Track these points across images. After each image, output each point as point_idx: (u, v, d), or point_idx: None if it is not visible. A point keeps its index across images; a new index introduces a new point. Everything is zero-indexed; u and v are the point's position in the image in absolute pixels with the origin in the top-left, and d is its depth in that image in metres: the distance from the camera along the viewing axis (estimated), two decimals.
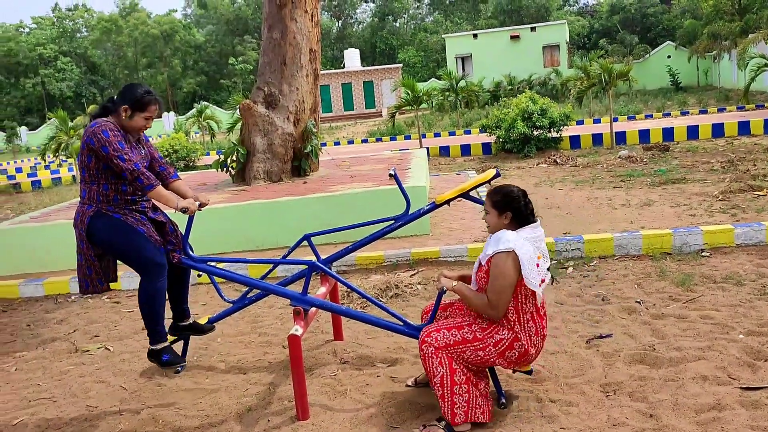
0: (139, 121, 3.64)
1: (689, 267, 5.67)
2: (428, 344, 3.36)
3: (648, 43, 48.74)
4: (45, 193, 17.25)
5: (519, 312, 3.35)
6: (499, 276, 3.28)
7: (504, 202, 3.41)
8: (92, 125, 3.56)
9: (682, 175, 10.24)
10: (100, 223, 3.61)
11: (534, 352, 3.40)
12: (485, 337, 3.33)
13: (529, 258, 3.27)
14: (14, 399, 4.27)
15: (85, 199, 3.65)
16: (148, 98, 3.65)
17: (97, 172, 3.57)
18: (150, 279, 3.57)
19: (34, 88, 61.61)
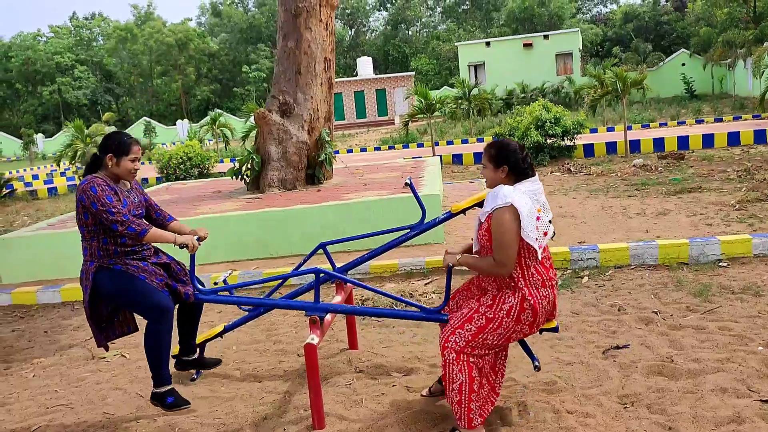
0: (127, 164, 3.71)
1: (706, 277, 5.63)
2: (449, 349, 3.35)
3: (662, 51, 48.55)
4: (61, 200, 17.41)
5: (522, 267, 3.32)
6: (500, 232, 3.25)
7: (501, 155, 3.37)
8: (83, 182, 3.64)
9: (698, 184, 10.17)
10: (103, 277, 3.66)
11: (546, 304, 3.37)
12: (496, 314, 3.31)
13: (528, 211, 3.25)
14: (32, 405, 4.30)
15: (87, 256, 3.71)
16: (127, 141, 3.74)
17: (95, 228, 3.63)
18: (155, 322, 3.60)
19: (51, 95, 62.33)
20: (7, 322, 6.44)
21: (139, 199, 3.86)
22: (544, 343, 4.50)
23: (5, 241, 7.83)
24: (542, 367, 4.08)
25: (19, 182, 22.86)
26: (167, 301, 3.64)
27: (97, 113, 57.41)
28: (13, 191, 19.61)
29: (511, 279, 3.34)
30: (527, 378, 3.97)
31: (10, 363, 5.21)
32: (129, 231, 3.57)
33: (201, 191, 10.91)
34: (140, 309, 3.65)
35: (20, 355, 5.39)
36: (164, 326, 3.62)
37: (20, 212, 15.35)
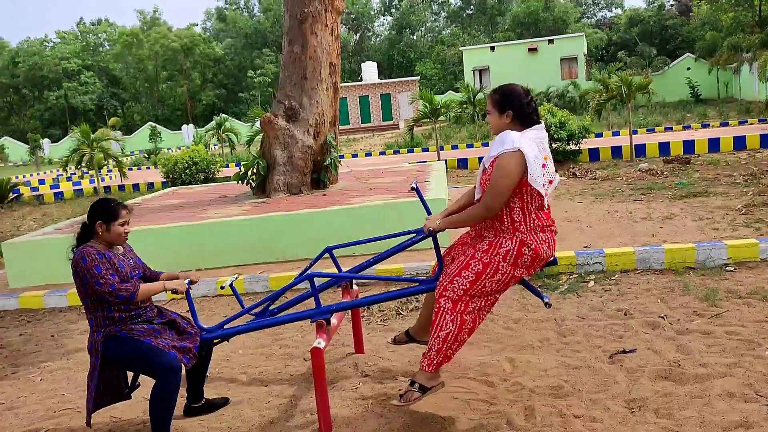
0: (117, 229, 3.72)
1: (713, 282, 5.61)
2: (447, 298, 3.36)
3: (667, 56, 48.52)
4: (67, 205, 17.48)
5: (525, 212, 3.32)
6: (500, 176, 3.25)
7: (505, 100, 3.36)
8: (75, 254, 3.66)
9: (704, 189, 10.14)
10: (110, 347, 3.67)
11: (547, 248, 3.37)
12: (492, 258, 3.31)
13: (535, 157, 3.24)
14: (40, 409, 4.32)
15: (93, 327, 3.72)
16: (115, 206, 3.75)
17: (97, 298, 3.65)
18: (164, 383, 3.60)
19: (57, 101, 62.63)
20: (14, 326, 6.46)
21: (134, 261, 3.87)
22: (551, 348, 4.50)
23: (12, 246, 7.87)
24: (549, 371, 4.08)
25: (26, 187, 22.97)
26: (175, 361, 3.64)
27: (103, 118, 57.61)
28: (19, 196, 19.71)
29: (511, 224, 3.33)
30: (534, 382, 3.96)
31: (17, 367, 5.23)
32: (119, 299, 3.59)
33: (207, 196, 10.94)
34: (149, 372, 3.64)
35: (27, 359, 5.41)
36: (172, 386, 3.60)
37: (27, 217, 15.42)
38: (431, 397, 3.87)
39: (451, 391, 3.93)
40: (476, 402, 3.77)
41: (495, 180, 3.28)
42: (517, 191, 3.31)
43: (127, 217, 3.75)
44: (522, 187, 3.29)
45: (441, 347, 3.39)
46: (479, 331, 4.97)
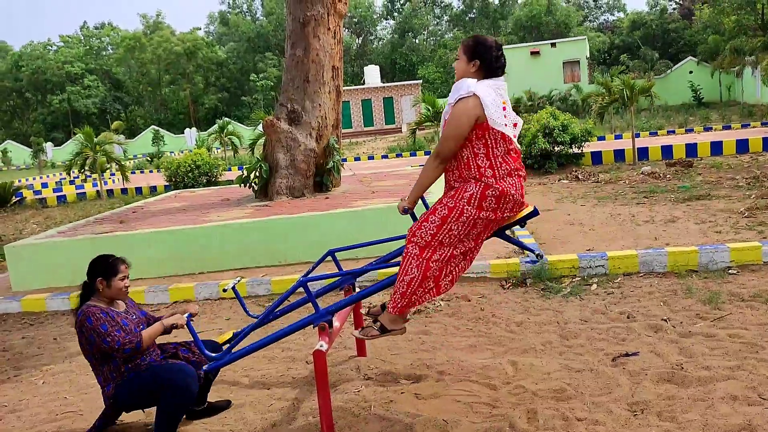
0: (118, 284, 3.76)
1: (716, 285, 5.60)
2: (414, 243, 3.40)
3: (669, 59, 48.51)
4: (70, 208, 17.50)
5: (490, 158, 3.33)
6: (453, 119, 3.27)
7: (477, 49, 3.37)
8: (79, 315, 3.69)
9: (707, 192, 10.13)
10: (122, 394, 3.69)
11: (514, 193, 3.37)
12: (457, 202, 3.33)
13: (493, 101, 3.25)
14: (42, 412, 4.32)
15: (101, 382, 3.74)
16: (113, 262, 3.78)
17: (102, 355, 3.67)
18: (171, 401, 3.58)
19: (60, 104, 62.79)
20: (17, 329, 6.47)
21: (137, 315, 3.89)
22: (553, 351, 4.49)
23: (15, 249, 7.88)
24: (551, 374, 4.07)
25: (29, 190, 23.00)
26: (188, 367, 3.64)
27: (106, 122, 57.76)
28: (22, 199, 19.74)
29: (477, 170, 3.34)
30: (536, 385, 3.96)
31: (20, 370, 5.24)
32: (126, 353, 3.61)
33: (209, 199, 10.95)
34: (165, 387, 3.59)
35: (30, 362, 5.42)
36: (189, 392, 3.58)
37: (29, 220, 15.45)
38: (434, 400, 3.88)
39: (453, 394, 3.93)
40: (478, 405, 3.76)
41: (447, 125, 3.31)
42: (480, 135, 3.31)
43: (126, 271, 3.80)
44: (484, 131, 3.30)
45: (405, 291, 3.43)
46: (481, 334, 4.96)
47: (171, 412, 3.60)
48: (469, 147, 3.35)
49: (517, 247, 3.75)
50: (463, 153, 3.37)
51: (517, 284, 6.19)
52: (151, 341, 3.72)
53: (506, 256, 6.94)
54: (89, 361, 3.76)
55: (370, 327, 3.66)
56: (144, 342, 3.66)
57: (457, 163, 3.42)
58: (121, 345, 3.58)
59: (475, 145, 3.34)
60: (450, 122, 3.30)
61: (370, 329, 3.65)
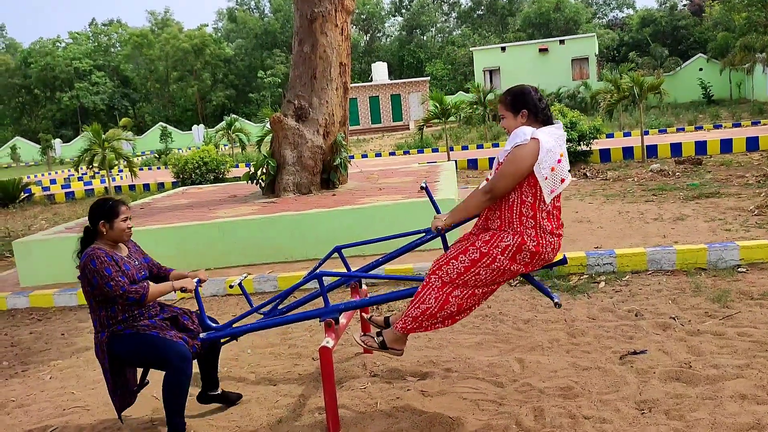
0: (120, 225, 3.74)
1: (725, 283, 5.56)
2: (438, 276, 3.37)
3: (679, 56, 48.22)
4: (78, 204, 17.58)
5: (535, 209, 3.28)
6: (510, 161, 3.23)
7: (517, 100, 3.34)
8: (83, 257, 3.67)
9: (716, 189, 10.06)
10: (116, 345, 3.69)
11: (551, 251, 3.34)
12: (491, 249, 3.29)
13: (550, 149, 3.21)
14: (49, 407, 4.34)
15: (97, 327, 3.74)
16: (113, 204, 3.78)
17: (102, 299, 3.67)
18: (176, 373, 3.61)
19: (69, 101, 63.04)
20: (24, 324, 6.50)
21: (140, 261, 3.88)
22: (560, 349, 4.47)
23: (24, 245, 7.91)
24: (558, 372, 4.05)
25: (37, 186, 23.13)
26: (185, 349, 3.65)
27: (114, 118, 57.95)
28: (31, 195, 19.84)
29: (518, 218, 3.30)
30: (543, 383, 3.94)
31: (27, 365, 5.26)
32: (130, 301, 3.61)
33: (217, 195, 10.97)
34: (160, 364, 3.65)
35: (37, 357, 5.44)
36: (184, 376, 3.62)
37: (38, 216, 15.52)
38: (440, 397, 3.87)
39: (459, 392, 3.92)
40: (485, 402, 3.75)
41: (503, 166, 3.26)
42: (533, 183, 3.26)
43: (127, 212, 3.77)
44: (534, 182, 3.26)
45: (418, 316, 3.43)
46: (488, 332, 4.95)
47: (168, 389, 3.61)
48: (518, 191, 3.30)
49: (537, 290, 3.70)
50: (511, 195, 3.32)
51: (525, 282, 6.16)
52: (156, 297, 3.71)
53: None
54: (89, 303, 3.74)
55: (372, 338, 3.66)
56: (149, 296, 3.64)
57: (502, 203, 3.36)
58: (126, 292, 3.57)
59: (525, 191, 3.29)
60: (510, 162, 3.24)
61: (370, 339, 3.65)
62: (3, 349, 5.73)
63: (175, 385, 3.60)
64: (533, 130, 3.26)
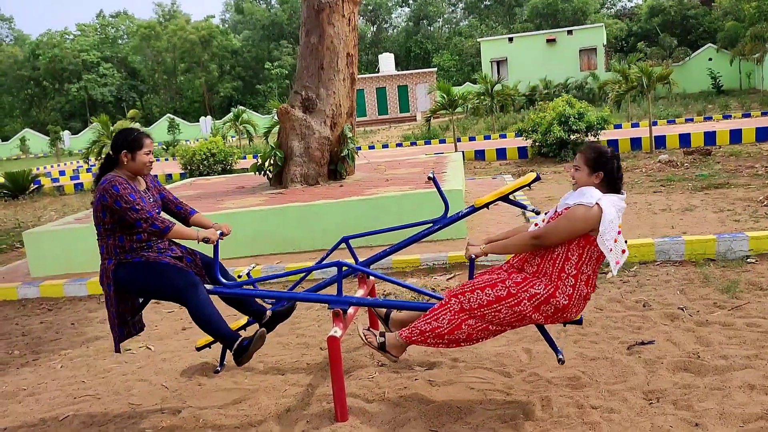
0: (142, 158, 3.74)
1: (734, 273, 5.54)
2: (458, 301, 3.37)
3: (688, 46, 47.83)
4: (87, 196, 17.65)
5: (577, 269, 3.26)
6: (567, 219, 3.21)
7: (599, 160, 3.31)
8: (102, 182, 3.67)
9: (725, 180, 10.01)
10: (123, 273, 3.69)
11: (575, 312, 3.34)
12: (519, 292, 3.28)
13: (611, 221, 3.19)
14: (60, 395, 4.38)
15: (104, 254, 3.75)
16: (138, 136, 3.78)
17: (112, 226, 3.67)
18: (190, 300, 3.63)
19: (77, 93, 63.22)
20: (35, 314, 6.55)
21: (155, 198, 3.89)
22: (569, 338, 4.47)
23: (34, 235, 7.96)
24: (566, 362, 4.05)
25: (47, 178, 23.24)
26: (193, 275, 3.69)
27: (122, 110, 58.08)
28: (40, 187, 19.94)
29: (557, 273, 3.28)
30: (551, 373, 3.94)
31: (38, 354, 5.30)
32: (153, 228, 3.59)
33: (224, 187, 11.00)
34: (172, 291, 3.65)
35: (48, 346, 5.49)
36: (202, 298, 3.64)
37: (47, 207, 15.61)
38: (448, 387, 3.88)
39: (467, 382, 3.93)
40: (493, 392, 3.76)
41: (560, 220, 3.25)
42: (582, 245, 3.26)
43: (150, 146, 3.77)
44: (588, 244, 3.25)
45: (425, 330, 3.44)
46: None
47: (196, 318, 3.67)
48: (566, 246, 3.28)
49: None
50: (557, 248, 3.31)
51: None
52: (177, 237, 3.72)
53: None
54: (97, 230, 3.73)
55: (374, 336, 3.68)
56: (173, 232, 3.65)
57: (546, 253, 3.34)
58: (152, 218, 3.58)
59: (572, 249, 3.27)
60: (567, 218, 3.23)
61: (372, 337, 3.67)
62: (14, 339, 5.78)
63: (199, 310, 3.63)
64: (600, 195, 3.24)
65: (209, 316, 3.66)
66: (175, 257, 3.87)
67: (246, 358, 3.66)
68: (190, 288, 3.63)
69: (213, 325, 3.68)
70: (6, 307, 6.91)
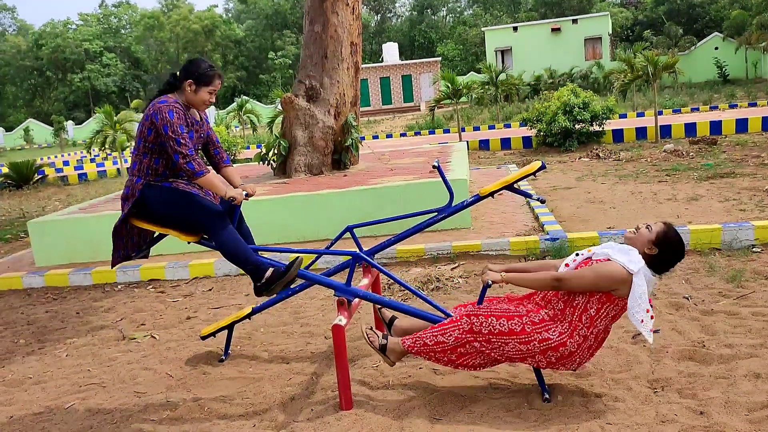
0: (204, 95, 3.69)
1: (740, 263, 5.52)
2: (469, 322, 3.36)
3: (694, 35, 47.49)
4: (91, 186, 17.68)
5: (593, 324, 3.27)
6: (598, 273, 3.20)
7: (667, 243, 3.26)
8: (161, 102, 3.60)
9: (731, 169, 9.96)
10: (151, 194, 3.67)
11: (577, 363, 3.34)
12: (533, 332, 3.28)
13: (641, 294, 3.19)
14: (66, 384, 4.40)
15: (135, 170, 3.71)
16: (211, 72, 3.72)
17: (153, 146, 3.64)
18: (218, 231, 3.63)
19: (81, 83, 63.20)
20: (40, 303, 6.57)
21: (204, 134, 3.87)
22: None
23: (38, 225, 7.98)
24: None
25: (51, 168, 23.26)
26: (220, 208, 3.71)
27: (126, 100, 58.08)
28: (44, 177, 19.97)
29: (576, 320, 3.27)
30: None
31: (44, 343, 5.32)
32: (188, 167, 3.56)
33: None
34: (198, 220, 3.65)
35: (53, 335, 5.50)
36: (229, 229, 3.66)
37: (52, 197, 15.63)
38: (452, 375, 3.88)
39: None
40: (497, 381, 3.76)
41: (591, 270, 3.23)
42: (604, 300, 3.25)
43: (218, 87, 3.74)
44: (608, 302, 3.25)
45: (428, 343, 3.46)
46: None
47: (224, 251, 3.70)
48: (587, 297, 3.27)
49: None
50: (579, 297, 3.29)
51: None
52: (205, 185, 3.70)
53: (526, 234, 6.89)
54: (137, 144, 3.70)
55: (377, 336, 3.71)
56: (204, 180, 3.63)
57: (567, 295, 3.33)
58: (191, 156, 3.56)
59: (592, 302, 3.26)
60: (596, 270, 3.21)
61: (375, 337, 3.70)
62: (20, 328, 5.80)
63: (227, 242, 3.66)
64: (641, 267, 3.20)
65: (236, 246, 3.67)
66: (201, 188, 3.87)
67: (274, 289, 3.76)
68: (218, 219, 3.64)
69: (242, 255, 3.70)
70: (11, 296, 6.93)
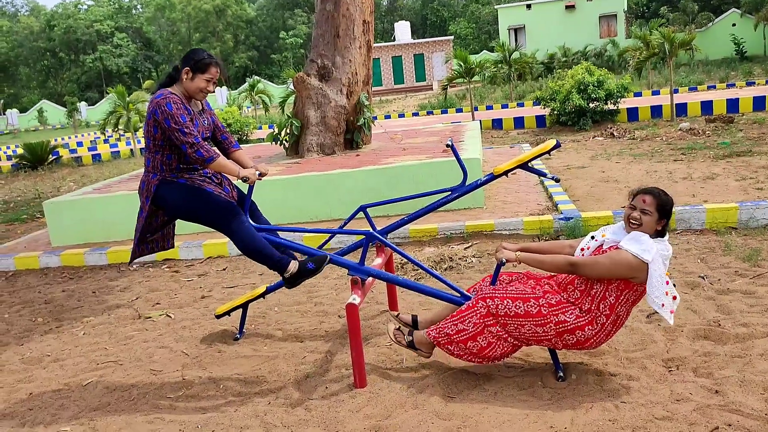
0: (200, 82, 3.69)
1: (756, 242, 5.47)
2: (486, 306, 3.35)
3: (711, 11, 46.66)
4: (105, 166, 17.77)
5: (612, 307, 3.25)
6: (611, 259, 3.18)
7: (668, 209, 3.26)
8: (157, 96, 3.63)
9: (748, 148, 9.83)
10: (166, 190, 3.69)
11: (594, 346, 3.33)
12: (549, 314, 3.27)
13: (659, 276, 3.17)
14: (83, 362, 4.45)
15: (149, 167, 3.75)
16: (207, 60, 3.71)
17: (162, 143, 3.66)
18: (236, 230, 3.65)
19: (93, 63, 63.31)
20: (57, 283, 6.64)
21: (209, 121, 3.88)
22: None
23: (54, 205, 8.04)
24: None
25: (65, 149, 23.40)
26: (235, 205, 3.73)
27: (138, 81, 58.22)
28: (59, 158, 20.10)
29: (594, 307, 3.25)
30: None
31: (61, 321, 5.39)
32: (197, 155, 3.58)
33: None
34: (214, 217, 3.68)
35: (71, 314, 5.57)
36: (246, 226, 3.68)
37: (66, 178, 15.74)
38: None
39: None
40: (511, 360, 3.76)
41: (603, 258, 3.20)
42: (622, 288, 3.22)
43: (215, 75, 3.73)
44: (627, 289, 3.23)
45: (450, 333, 3.45)
46: None
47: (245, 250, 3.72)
48: (605, 285, 3.24)
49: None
50: (597, 284, 3.26)
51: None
52: (218, 170, 3.73)
53: (539, 213, 6.86)
54: (146, 143, 3.74)
55: (402, 334, 3.71)
56: (216, 164, 3.65)
57: (584, 284, 3.30)
58: (199, 144, 3.58)
59: (610, 290, 3.23)
60: (611, 259, 3.17)
61: (401, 336, 3.70)
62: (37, 306, 5.87)
63: (246, 239, 3.69)
64: (653, 250, 3.15)
65: (254, 244, 3.69)
66: (217, 184, 3.89)
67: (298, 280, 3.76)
68: (234, 217, 3.65)
69: (263, 251, 3.72)
70: (29, 275, 7.01)
